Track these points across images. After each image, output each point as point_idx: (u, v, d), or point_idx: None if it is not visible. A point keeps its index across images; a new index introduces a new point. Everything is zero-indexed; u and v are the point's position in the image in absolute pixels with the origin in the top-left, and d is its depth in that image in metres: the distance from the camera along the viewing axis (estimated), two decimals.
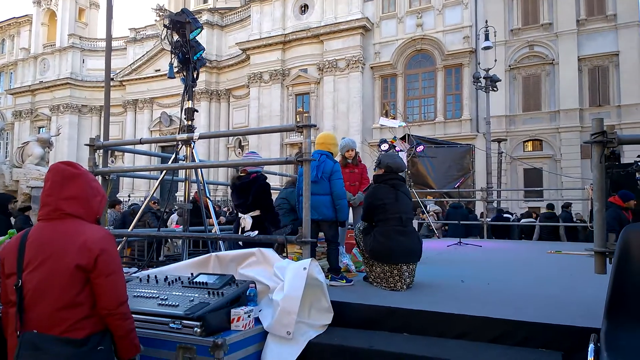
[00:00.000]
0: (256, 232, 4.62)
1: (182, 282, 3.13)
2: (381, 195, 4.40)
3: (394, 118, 20.74)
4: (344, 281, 4.36)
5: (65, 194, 2.18)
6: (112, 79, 31.07)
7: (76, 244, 2.10)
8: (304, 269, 3.11)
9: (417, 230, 7.18)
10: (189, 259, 4.04)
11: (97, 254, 2.09)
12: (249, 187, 4.83)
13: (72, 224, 2.16)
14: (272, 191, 5.01)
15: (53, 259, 2.08)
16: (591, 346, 2.21)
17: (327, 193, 4.52)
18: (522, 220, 14.43)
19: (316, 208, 4.38)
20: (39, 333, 2.02)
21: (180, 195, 9.91)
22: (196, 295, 2.88)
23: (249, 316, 2.85)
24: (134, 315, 2.30)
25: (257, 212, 4.84)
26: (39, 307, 2.05)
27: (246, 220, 4.81)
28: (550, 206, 13.42)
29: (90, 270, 2.09)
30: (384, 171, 4.54)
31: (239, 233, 4.74)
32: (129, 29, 42.14)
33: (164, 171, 5.86)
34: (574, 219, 13.62)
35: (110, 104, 12.35)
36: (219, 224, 8.11)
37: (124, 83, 40.16)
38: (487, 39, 19.20)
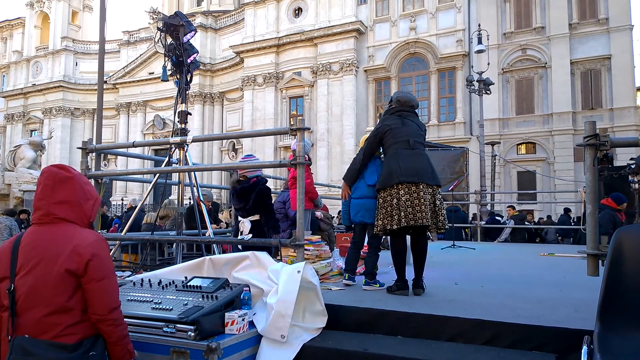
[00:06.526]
0: (250, 235, 4.62)
1: (176, 286, 3.11)
2: (387, 122, 4.23)
3: None
4: (377, 285, 4.26)
5: (56, 198, 2.16)
6: (105, 81, 30.96)
7: (67, 248, 2.07)
8: (298, 272, 3.11)
9: None
10: (183, 262, 4.02)
11: (87, 259, 2.07)
12: (249, 191, 4.82)
13: (64, 228, 2.14)
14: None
15: (44, 264, 2.06)
16: (584, 348, 2.22)
17: None
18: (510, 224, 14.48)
19: (370, 211, 4.28)
20: (31, 338, 2.00)
21: (174, 198, 9.90)
22: (190, 299, 2.87)
23: (243, 320, 2.84)
24: (127, 320, 2.28)
25: (256, 217, 4.84)
26: (30, 312, 2.03)
27: (245, 224, 4.81)
28: (567, 210, 13.57)
29: (81, 275, 2.07)
30: (394, 106, 4.38)
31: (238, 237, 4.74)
32: (123, 31, 42.04)
33: (158, 174, 5.85)
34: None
35: (103, 107, 12.31)
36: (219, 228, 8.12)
37: (117, 86, 40.02)
38: (480, 42, 19.28)
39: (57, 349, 1.99)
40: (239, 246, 4.63)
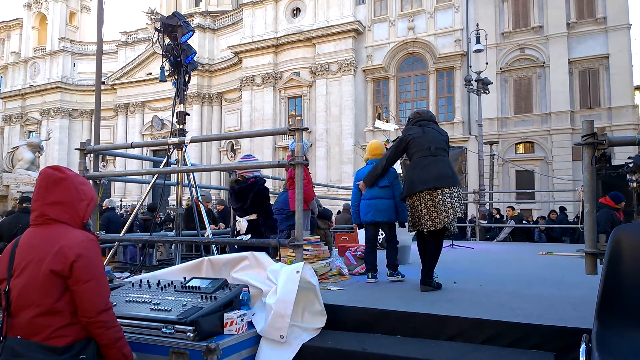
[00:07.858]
0: (249, 235, 4.61)
1: (174, 287, 3.11)
2: (410, 131, 4.53)
3: (386, 121, 20.77)
4: (400, 276, 4.69)
5: (49, 199, 2.16)
6: (103, 82, 30.97)
7: (53, 249, 2.06)
8: (297, 272, 3.11)
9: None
10: (181, 263, 4.02)
11: (72, 260, 2.04)
12: (247, 191, 4.83)
13: (56, 229, 2.13)
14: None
15: (33, 265, 2.05)
16: (583, 347, 2.22)
17: (391, 197, 4.81)
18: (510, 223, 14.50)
19: (382, 211, 4.78)
20: (22, 339, 1.99)
21: (172, 199, 9.92)
22: (189, 299, 2.86)
23: (242, 320, 2.84)
24: (126, 321, 2.27)
25: (253, 216, 4.84)
26: (22, 313, 2.03)
27: (242, 223, 4.82)
28: (562, 208, 13.61)
29: (67, 276, 2.04)
30: (413, 117, 4.74)
31: (235, 237, 4.75)
32: (120, 32, 42.02)
33: (156, 175, 5.84)
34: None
35: (101, 108, 12.30)
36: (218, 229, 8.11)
37: (115, 87, 39.98)
38: (478, 42, 19.30)
39: (46, 351, 1.98)
40: (236, 246, 4.64)
